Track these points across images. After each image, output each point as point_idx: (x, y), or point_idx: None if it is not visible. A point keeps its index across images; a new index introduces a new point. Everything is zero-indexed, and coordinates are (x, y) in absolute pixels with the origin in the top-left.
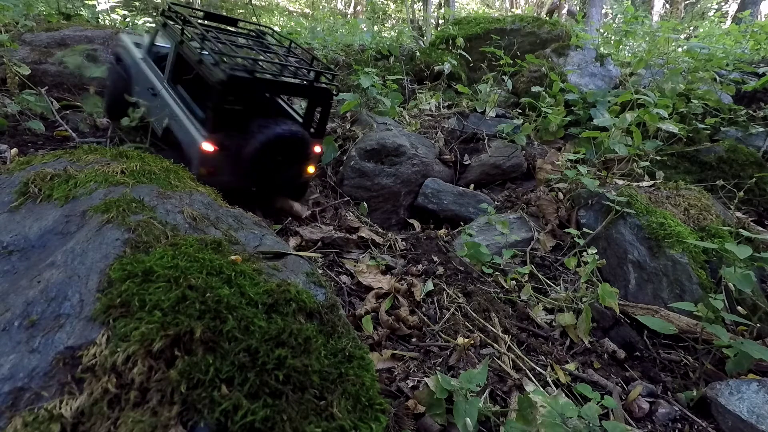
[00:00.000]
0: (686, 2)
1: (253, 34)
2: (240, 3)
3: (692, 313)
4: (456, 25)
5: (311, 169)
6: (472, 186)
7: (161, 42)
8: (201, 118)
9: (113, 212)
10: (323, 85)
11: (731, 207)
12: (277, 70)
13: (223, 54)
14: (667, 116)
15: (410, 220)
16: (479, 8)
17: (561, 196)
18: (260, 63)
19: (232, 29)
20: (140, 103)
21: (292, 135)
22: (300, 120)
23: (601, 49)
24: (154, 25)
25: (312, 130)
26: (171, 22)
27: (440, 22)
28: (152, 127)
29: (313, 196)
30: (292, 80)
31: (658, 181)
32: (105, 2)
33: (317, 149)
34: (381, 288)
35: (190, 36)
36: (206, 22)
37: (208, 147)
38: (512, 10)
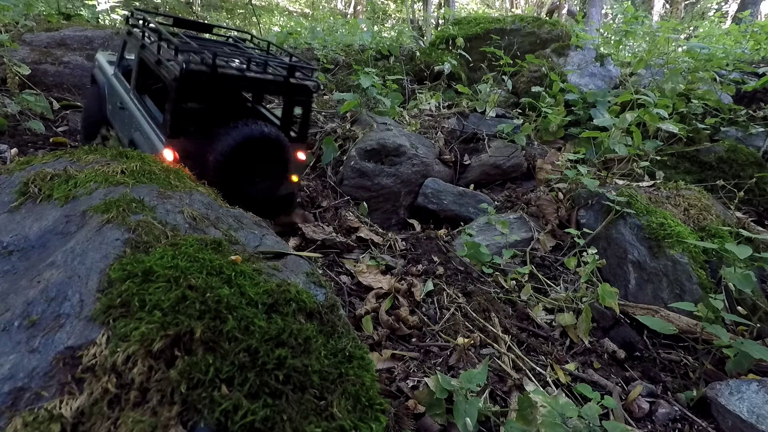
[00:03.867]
0: (686, 2)
1: (231, 39)
2: (240, 3)
3: (692, 313)
4: (456, 25)
5: (294, 178)
6: (472, 186)
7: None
8: (160, 123)
9: (113, 212)
10: (300, 82)
11: (731, 207)
12: (243, 65)
13: (180, 49)
14: (667, 116)
15: (410, 220)
16: (479, 8)
17: (561, 196)
18: (224, 58)
19: (206, 35)
20: (113, 127)
21: (265, 137)
22: (277, 122)
23: (601, 49)
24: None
25: (292, 133)
26: (135, 29)
27: (440, 22)
28: (119, 141)
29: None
30: (262, 76)
31: (658, 181)
32: (105, 2)
33: (300, 156)
34: (381, 288)
35: (151, 39)
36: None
37: (168, 155)
38: (512, 10)
